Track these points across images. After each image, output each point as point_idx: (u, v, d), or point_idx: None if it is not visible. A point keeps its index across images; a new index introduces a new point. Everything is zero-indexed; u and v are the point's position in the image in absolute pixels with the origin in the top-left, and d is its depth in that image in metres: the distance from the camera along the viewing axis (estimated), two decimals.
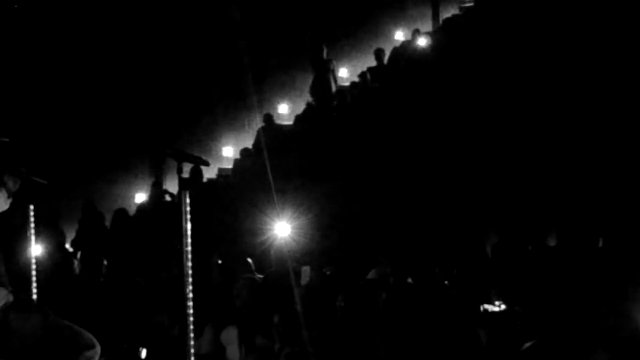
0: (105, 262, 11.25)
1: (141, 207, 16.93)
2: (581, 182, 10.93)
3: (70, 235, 15.56)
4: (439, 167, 12.88)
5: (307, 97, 17.96)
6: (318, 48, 17.51)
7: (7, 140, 4.63)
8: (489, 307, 7.55)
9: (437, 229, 11.17)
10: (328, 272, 9.62)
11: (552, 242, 9.24)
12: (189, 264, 4.82)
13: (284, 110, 18.86)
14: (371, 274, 9.00)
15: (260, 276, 9.83)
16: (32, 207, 6.26)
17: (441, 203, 11.90)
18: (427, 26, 19.22)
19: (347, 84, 18.49)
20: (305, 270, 9.76)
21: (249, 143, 17.77)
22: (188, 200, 4.79)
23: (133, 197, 17.57)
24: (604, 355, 5.52)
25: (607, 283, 7.05)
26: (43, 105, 16.34)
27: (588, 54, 13.07)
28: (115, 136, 16.61)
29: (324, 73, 17.51)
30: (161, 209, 15.72)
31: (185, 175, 9.48)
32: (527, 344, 6.05)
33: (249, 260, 10.39)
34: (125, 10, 17.18)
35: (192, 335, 4.86)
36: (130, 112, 16.93)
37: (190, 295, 4.82)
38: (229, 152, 18.39)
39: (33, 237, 6.35)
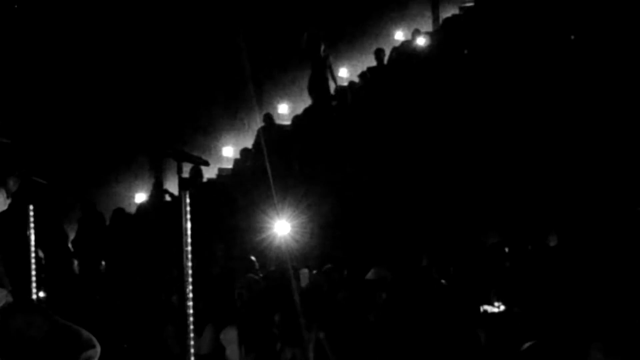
0: (104, 262, 11.28)
1: (141, 207, 16.93)
2: (581, 183, 10.93)
3: (71, 235, 15.56)
4: (439, 167, 12.88)
5: (307, 97, 17.91)
6: (315, 44, 17.37)
7: (9, 141, 4.61)
8: (489, 308, 7.56)
9: (437, 228, 11.18)
10: (324, 269, 9.61)
11: (552, 242, 9.25)
12: (189, 264, 4.82)
13: (284, 110, 18.84)
14: (371, 274, 9.01)
15: (261, 275, 9.85)
16: (32, 207, 6.25)
17: (441, 203, 11.91)
18: (427, 26, 19.21)
19: (346, 84, 18.46)
20: (304, 272, 9.78)
21: (249, 143, 17.76)
22: (188, 200, 4.78)
23: (133, 197, 17.56)
24: (599, 353, 5.52)
25: (606, 283, 7.06)
26: (44, 106, 16.33)
27: (588, 53, 13.07)
28: (116, 136, 16.59)
29: (322, 69, 17.39)
30: (161, 209, 15.72)
31: (185, 175, 9.50)
32: (527, 344, 6.06)
33: (253, 258, 10.41)
34: (126, 11, 17.18)
35: (192, 335, 4.86)
36: (131, 112, 16.92)
37: (190, 295, 4.81)
38: (229, 152, 18.38)
39: (33, 237, 6.35)
